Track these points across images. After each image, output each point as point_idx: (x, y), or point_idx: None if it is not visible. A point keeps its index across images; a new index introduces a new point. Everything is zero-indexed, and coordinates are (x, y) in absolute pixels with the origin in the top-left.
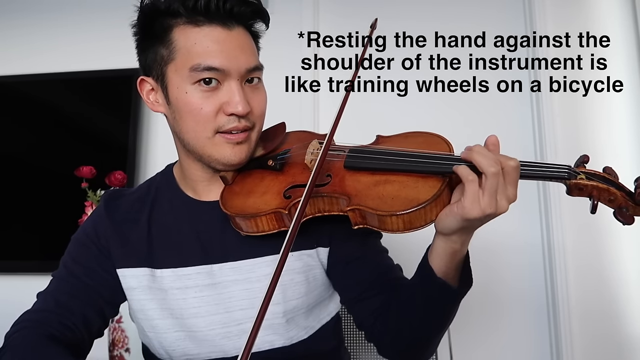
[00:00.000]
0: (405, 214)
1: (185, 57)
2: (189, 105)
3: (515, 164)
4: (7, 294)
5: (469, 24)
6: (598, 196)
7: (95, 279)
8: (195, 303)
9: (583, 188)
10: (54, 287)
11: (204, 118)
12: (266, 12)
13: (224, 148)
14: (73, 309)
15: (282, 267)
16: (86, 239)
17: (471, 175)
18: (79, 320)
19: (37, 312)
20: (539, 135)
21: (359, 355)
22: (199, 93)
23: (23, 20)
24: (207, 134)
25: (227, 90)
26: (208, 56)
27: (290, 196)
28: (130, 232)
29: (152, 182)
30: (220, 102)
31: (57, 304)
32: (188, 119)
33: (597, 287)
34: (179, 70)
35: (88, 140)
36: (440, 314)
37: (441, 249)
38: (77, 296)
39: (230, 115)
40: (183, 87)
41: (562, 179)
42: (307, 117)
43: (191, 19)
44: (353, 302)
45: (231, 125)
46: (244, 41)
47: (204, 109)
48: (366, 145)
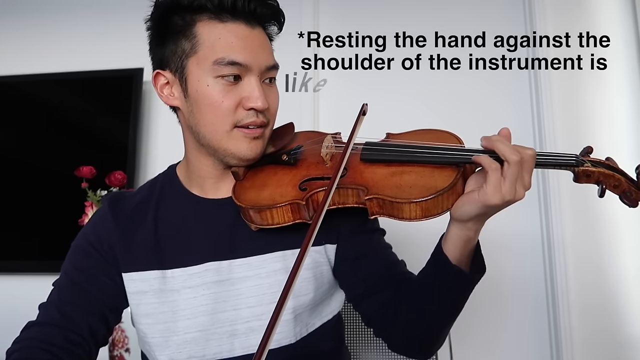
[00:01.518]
0: (423, 201)
1: (209, 51)
2: (209, 98)
3: (533, 152)
4: (7, 294)
5: (469, 24)
6: (604, 182)
7: (97, 286)
8: (204, 301)
9: (590, 174)
10: (56, 297)
11: (223, 111)
12: (283, 16)
13: (241, 142)
14: (77, 319)
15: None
16: (87, 245)
17: (494, 164)
18: (85, 331)
19: (40, 326)
20: (539, 132)
21: (360, 355)
22: (220, 87)
23: (23, 21)
24: (226, 127)
25: (248, 85)
26: (232, 51)
27: (306, 188)
28: (136, 234)
29: (155, 183)
30: (241, 97)
31: (61, 315)
32: (207, 112)
33: (596, 281)
34: (201, 63)
35: (88, 140)
36: (454, 301)
37: (456, 236)
38: (81, 305)
39: (249, 110)
40: (204, 80)
41: (570, 166)
42: (307, 116)
43: (217, 15)
44: (360, 298)
45: (249, 120)
46: (264, 40)
47: (224, 102)
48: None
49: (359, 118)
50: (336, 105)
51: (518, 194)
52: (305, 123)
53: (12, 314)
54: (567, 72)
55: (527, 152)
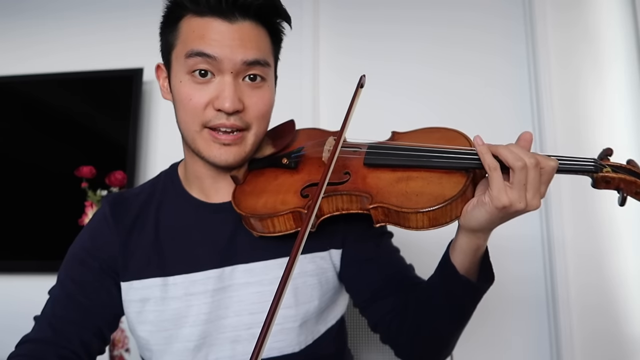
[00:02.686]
0: (431, 211)
1: (184, 44)
2: (180, 95)
3: (555, 164)
4: (7, 294)
5: (469, 24)
6: (626, 188)
7: (93, 299)
8: (206, 308)
9: (610, 181)
10: (50, 311)
11: (192, 110)
12: (277, 6)
13: (210, 146)
14: (70, 335)
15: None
16: (84, 254)
17: (493, 163)
18: (78, 347)
19: (32, 343)
20: (539, 132)
21: (361, 356)
22: (191, 83)
23: (23, 21)
24: (195, 127)
25: (219, 84)
26: (201, 42)
27: (308, 195)
28: (137, 241)
29: (156, 183)
30: (210, 96)
31: (53, 332)
32: (180, 109)
33: (596, 282)
34: (178, 57)
35: (88, 140)
36: (461, 311)
37: (465, 245)
38: (74, 320)
39: (218, 111)
40: (179, 75)
41: (589, 172)
42: (307, 116)
43: (196, 10)
44: (367, 304)
45: (218, 122)
46: (247, 35)
47: (192, 100)
48: (384, 142)
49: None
50: (336, 104)
51: (531, 204)
52: (306, 123)
53: (12, 314)
54: (567, 72)
55: (550, 164)
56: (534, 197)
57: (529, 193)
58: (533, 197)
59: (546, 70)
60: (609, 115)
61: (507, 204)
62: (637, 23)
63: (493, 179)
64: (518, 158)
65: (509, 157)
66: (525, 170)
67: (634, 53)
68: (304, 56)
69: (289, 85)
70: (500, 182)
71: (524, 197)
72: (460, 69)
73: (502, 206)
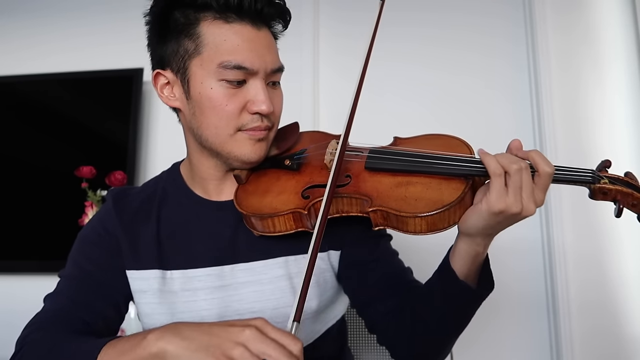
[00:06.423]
0: (429, 216)
1: (214, 53)
2: (212, 102)
3: (551, 170)
4: (7, 294)
5: (469, 26)
6: (622, 200)
7: (108, 276)
8: (205, 305)
9: (607, 192)
10: (65, 287)
11: (227, 115)
12: (289, 14)
13: (245, 145)
14: (90, 306)
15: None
16: (96, 237)
17: (498, 170)
18: (99, 318)
19: (49, 312)
20: (539, 133)
21: (361, 356)
22: (224, 90)
23: (23, 21)
24: (229, 131)
25: (253, 89)
26: (238, 54)
27: (308, 196)
28: (139, 233)
29: (158, 181)
30: (245, 100)
31: (72, 302)
32: (210, 115)
33: (596, 283)
34: (205, 64)
35: (88, 140)
36: (459, 316)
37: (464, 251)
38: (93, 293)
39: (254, 114)
40: (208, 82)
41: (586, 183)
42: (307, 117)
43: (222, 14)
44: (365, 306)
45: (254, 124)
46: (270, 41)
47: (228, 106)
48: (386, 147)
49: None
50: (336, 105)
51: (527, 209)
52: (306, 122)
53: (12, 314)
54: (567, 74)
55: (546, 170)
56: (529, 201)
57: (524, 196)
58: (528, 200)
59: (546, 72)
60: (609, 117)
61: (503, 209)
62: (637, 25)
63: (495, 184)
64: (513, 162)
65: (504, 163)
66: (521, 173)
67: (634, 55)
68: (303, 57)
69: (289, 86)
70: (501, 188)
71: (520, 201)
72: (461, 71)
73: (499, 211)
